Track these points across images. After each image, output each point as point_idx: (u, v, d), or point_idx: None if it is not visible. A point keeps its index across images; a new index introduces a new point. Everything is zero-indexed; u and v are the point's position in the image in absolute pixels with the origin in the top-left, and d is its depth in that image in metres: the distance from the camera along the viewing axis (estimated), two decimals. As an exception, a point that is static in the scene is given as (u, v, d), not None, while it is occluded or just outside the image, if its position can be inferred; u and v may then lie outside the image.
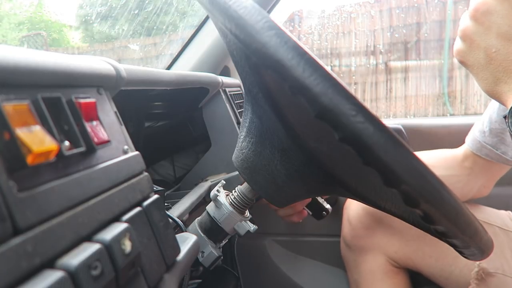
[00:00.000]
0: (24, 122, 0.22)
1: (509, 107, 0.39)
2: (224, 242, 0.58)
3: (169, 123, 0.85)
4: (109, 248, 0.24)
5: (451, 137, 1.02)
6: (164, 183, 0.85)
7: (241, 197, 0.54)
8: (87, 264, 0.22)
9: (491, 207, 0.77)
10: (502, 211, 0.76)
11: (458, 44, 0.44)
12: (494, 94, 0.42)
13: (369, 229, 0.80)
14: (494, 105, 0.65)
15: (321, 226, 1.05)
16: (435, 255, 0.73)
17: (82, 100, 0.29)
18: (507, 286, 0.65)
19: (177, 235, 0.38)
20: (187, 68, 0.98)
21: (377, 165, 0.26)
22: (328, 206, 0.69)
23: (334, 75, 0.26)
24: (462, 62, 0.44)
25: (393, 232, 0.77)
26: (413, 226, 0.42)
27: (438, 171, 0.28)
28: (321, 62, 0.26)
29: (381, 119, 0.26)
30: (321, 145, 0.41)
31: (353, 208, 0.84)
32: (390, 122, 1.10)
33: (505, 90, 0.40)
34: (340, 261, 0.91)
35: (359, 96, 1.21)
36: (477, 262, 0.67)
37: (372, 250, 0.80)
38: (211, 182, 0.72)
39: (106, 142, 0.30)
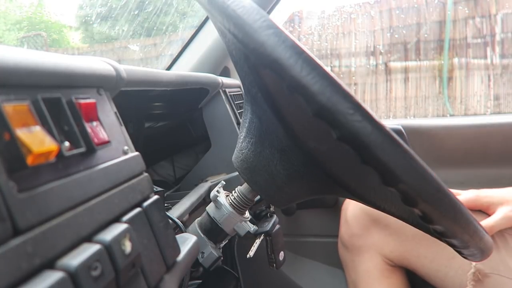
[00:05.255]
0: (24, 123, 0.22)
1: None
2: (224, 242, 0.58)
3: (169, 123, 0.85)
4: (109, 249, 0.24)
5: (451, 138, 1.02)
6: (164, 183, 0.85)
7: (241, 197, 0.54)
8: (87, 264, 0.22)
9: None
10: None
11: None
12: None
13: (366, 229, 0.80)
14: None
15: (320, 227, 1.05)
16: (430, 255, 0.73)
17: (82, 101, 0.29)
18: (503, 287, 0.65)
19: (177, 236, 0.38)
20: (187, 68, 0.98)
21: (375, 164, 0.26)
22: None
23: (332, 74, 0.26)
24: None
25: (389, 231, 0.77)
26: (409, 226, 0.42)
27: None
28: (319, 61, 0.26)
29: (380, 119, 0.26)
30: (320, 145, 0.41)
31: (350, 208, 0.84)
32: (390, 123, 1.10)
33: None
34: (340, 262, 0.91)
35: (359, 97, 1.21)
36: (473, 263, 0.67)
37: (368, 250, 0.80)
38: (211, 182, 0.72)
39: (106, 143, 0.30)
